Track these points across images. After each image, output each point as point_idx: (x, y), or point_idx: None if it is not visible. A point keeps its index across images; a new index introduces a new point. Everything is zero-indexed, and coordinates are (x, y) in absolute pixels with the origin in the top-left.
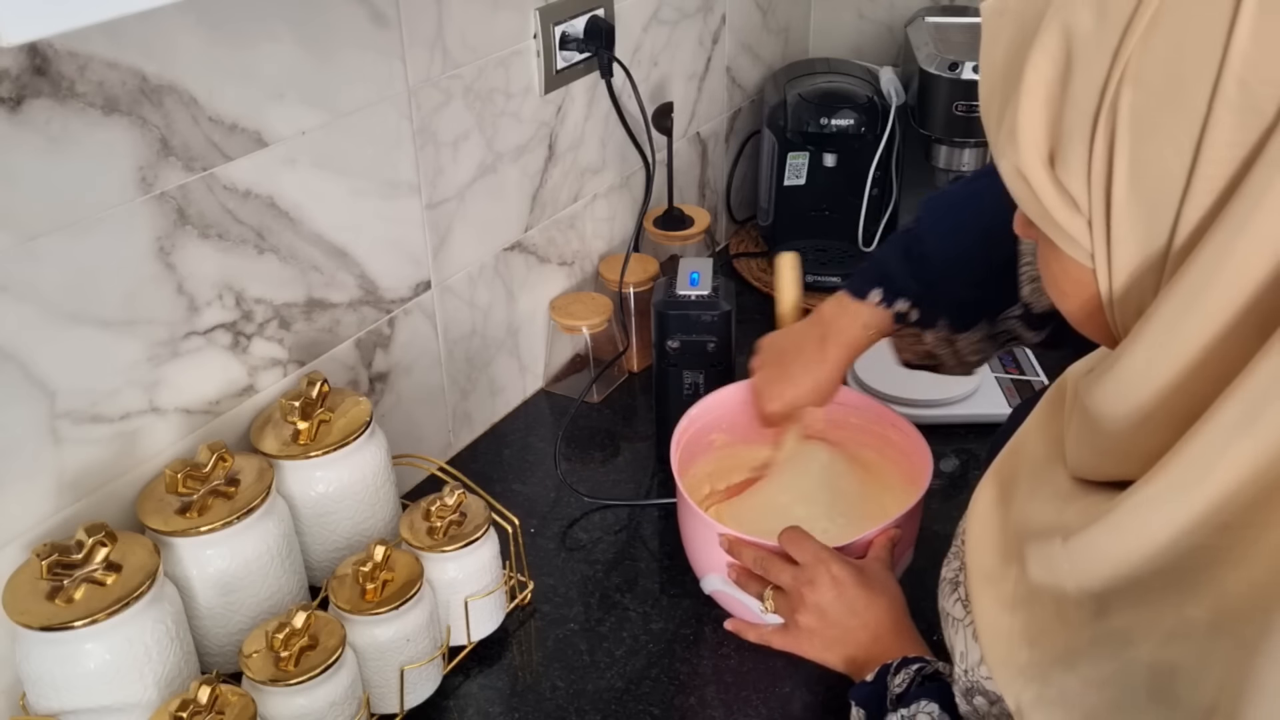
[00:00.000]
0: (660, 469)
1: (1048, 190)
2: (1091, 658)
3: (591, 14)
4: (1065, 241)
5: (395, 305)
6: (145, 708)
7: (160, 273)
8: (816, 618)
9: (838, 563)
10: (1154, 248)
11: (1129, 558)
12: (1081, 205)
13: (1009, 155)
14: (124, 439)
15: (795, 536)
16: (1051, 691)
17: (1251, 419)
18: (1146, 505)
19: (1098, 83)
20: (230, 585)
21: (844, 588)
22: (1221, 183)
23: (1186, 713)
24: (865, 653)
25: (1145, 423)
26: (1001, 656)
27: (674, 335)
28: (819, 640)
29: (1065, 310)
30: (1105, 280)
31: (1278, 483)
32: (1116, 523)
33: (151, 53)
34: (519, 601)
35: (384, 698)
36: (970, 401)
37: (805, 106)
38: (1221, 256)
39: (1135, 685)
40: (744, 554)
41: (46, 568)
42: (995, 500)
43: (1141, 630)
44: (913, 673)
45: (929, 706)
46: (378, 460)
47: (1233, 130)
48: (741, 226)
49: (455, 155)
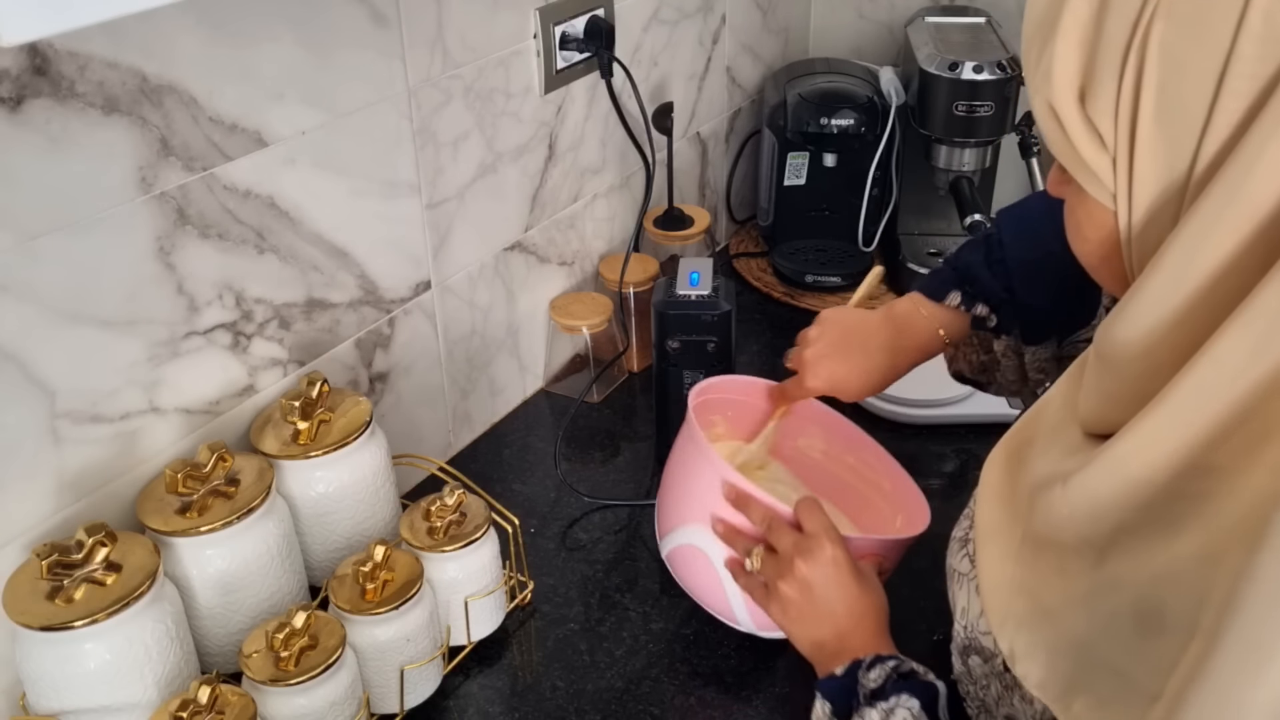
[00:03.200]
0: (660, 469)
1: (1077, 127)
2: (1085, 604)
3: (591, 14)
4: (1089, 180)
5: (395, 305)
6: (145, 708)
7: (160, 273)
8: (800, 590)
9: (841, 547)
10: (1174, 181)
11: (1122, 499)
12: (1108, 141)
13: (1043, 92)
14: (124, 439)
15: (811, 506)
16: (1044, 635)
17: (1253, 352)
18: (1140, 441)
19: (1130, 19)
20: (230, 585)
21: (840, 570)
22: (1239, 115)
23: (1172, 638)
24: (837, 642)
25: (1150, 357)
26: (998, 605)
27: (674, 335)
28: (793, 612)
29: (1083, 254)
30: (1125, 218)
31: (1272, 417)
32: (1110, 462)
33: (151, 53)
34: (519, 601)
35: (384, 698)
36: (970, 402)
37: (805, 106)
38: (1237, 187)
39: (1122, 621)
40: (752, 508)
41: (46, 568)
42: (1008, 458)
43: (1133, 572)
44: (889, 669)
45: (909, 702)
46: (378, 460)
47: (1254, 61)
48: (741, 226)
49: (455, 155)
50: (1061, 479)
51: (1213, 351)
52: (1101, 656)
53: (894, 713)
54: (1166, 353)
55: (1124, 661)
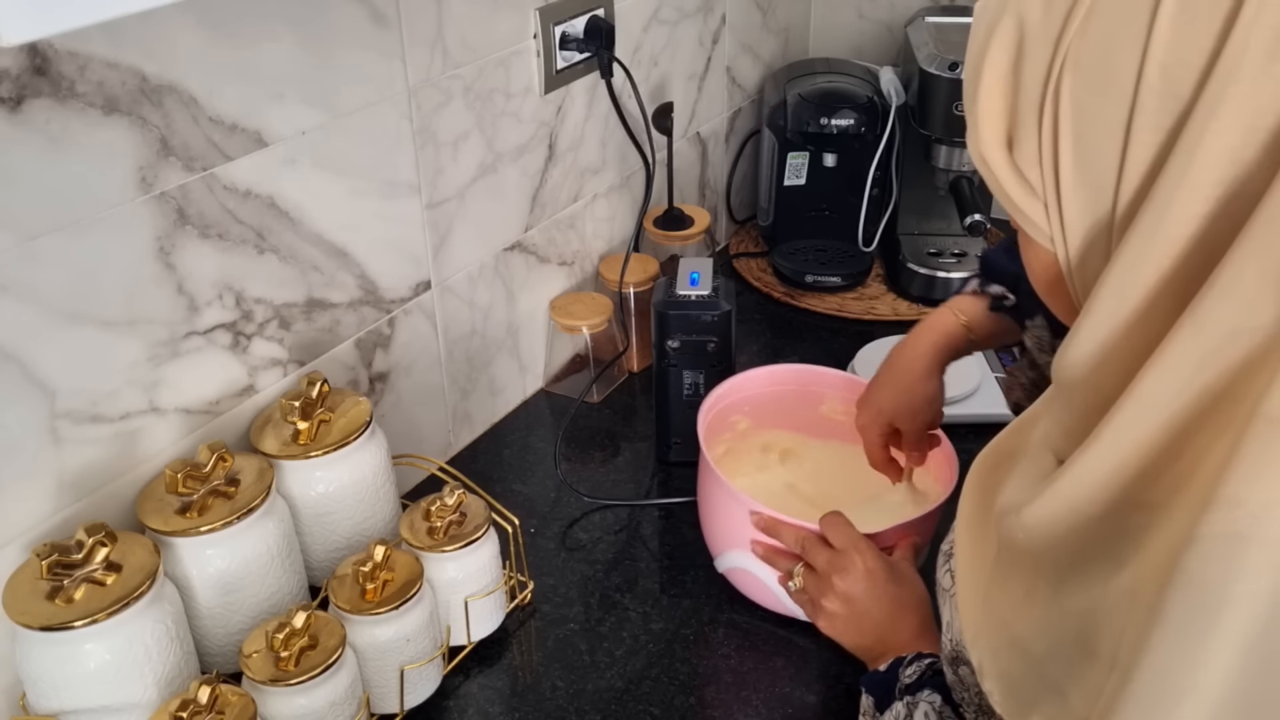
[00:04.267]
0: (660, 469)
1: (1008, 175)
2: (1044, 629)
3: (591, 14)
4: (1027, 224)
5: (395, 305)
6: (145, 708)
7: (160, 273)
8: (842, 604)
9: (872, 554)
10: (1099, 221)
11: (1065, 529)
12: (1037, 189)
13: (973, 141)
14: (124, 439)
15: (836, 521)
16: (1005, 656)
17: (1167, 392)
18: (1077, 476)
19: (1043, 70)
20: (230, 585)
21: (875, 580)
22: (1147, 164)
23: (1101, 663)
24: (882, 645)
25: (1095, 390)
26: (972, 622)
27: (674, 335)
28: (839, 625)
29: (1039, 291)
30: (1064, 259)
31: (1193, 458)
32: (1055, 494)
33: (151, 53)
34: (519, 601)
35: (384, 698)
36: (970, 402)
37: (805, 106)
38: (1152, 232)
39: (1067, 644)
40: (783, 533)
41: (46, 568)
42: (983, 476)
43: (1079, 603)
44: (924, 666)
45: (931, 696)
46: (378, 460)
47: (1155, 113)
48: (741, 226)
49: (455, 155)
50: (1019, 507)
51: (1138, 389)
52: (1050, 676)
53: (917, 706)
54: (1110, 385)
55: (1065, 683)
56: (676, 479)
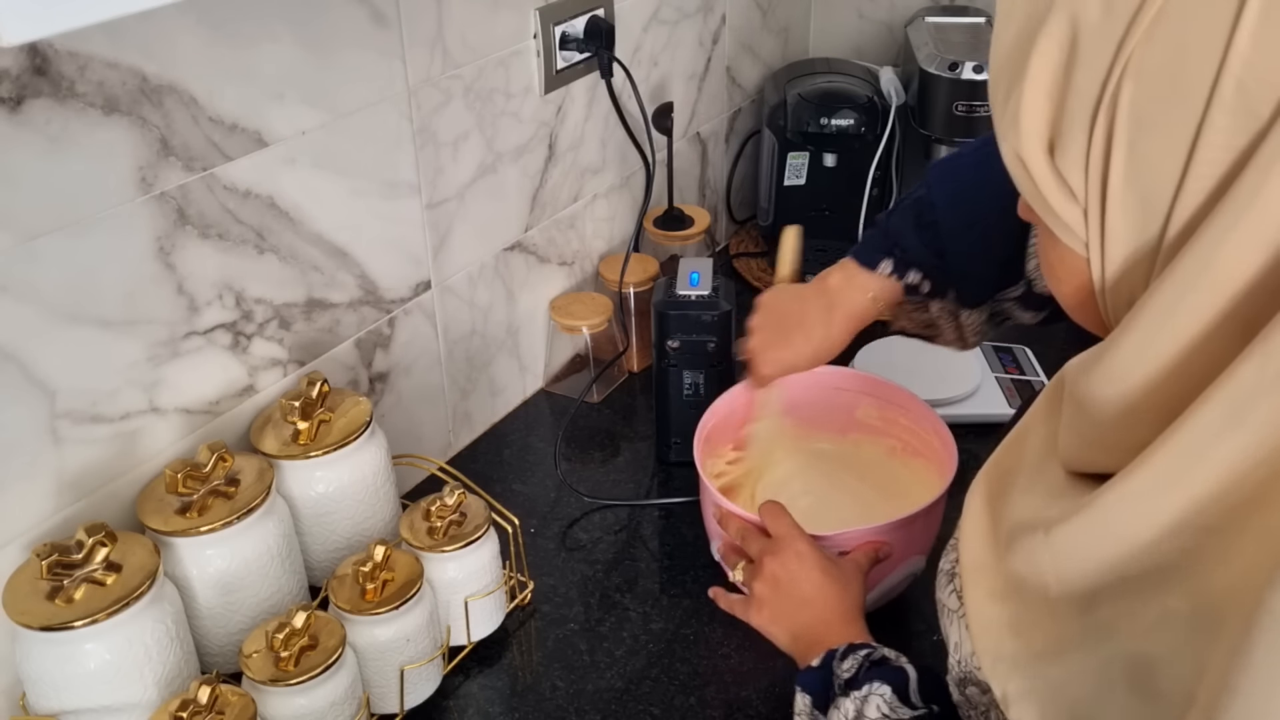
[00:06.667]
0: (660, 469)
1: (1046, 178)
2: (1076, 650)
3: (591, 14)
4: (1061, 229)
5: (395, 305)
6: (145, 708)
7: (160, 273)
8: (770, 587)
9: (805, 541)
10: (1147, 241)
11: (1108, 555)
12: (1078, 195)
13: (1010, 140)
14: (124, 439)
15: (773, 510)
16: (1037, 683)
17: (1232, 422)
18: (1126, 501)
19: (1100, 74)
20: (230, 585)
21: (804, 563)
22: (1213, 182)
23: (1166, 704)
24: (811, 634)
25: (1131, 414)
26: (989, 647)
27: (674, 335)
28: (768, 611)
29: (1059, 295)
30: (1098, 269)
31: (1257, 486)
32: (1096, 518)
33: (151, 53)
34: (519, 601)
35: (384, 698)
36: (970, 401)
37: (805, 106)
38: (1210, 256)
39: (1115, 677)
40: (729, 525)
41: (46, 568)
42: (991, 492)
43: (1124, 621)
44: (860, 658)
45: (881, 689)
46: (378, 460)
47: (1228, 132)
48: (741, 226)
49: (455, 155)
50: (1044, 527)
51: (1193, 419)
52: (1094, 715)
53: (867, 700)
54: (1147, 409)
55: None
56: (676, 479)
